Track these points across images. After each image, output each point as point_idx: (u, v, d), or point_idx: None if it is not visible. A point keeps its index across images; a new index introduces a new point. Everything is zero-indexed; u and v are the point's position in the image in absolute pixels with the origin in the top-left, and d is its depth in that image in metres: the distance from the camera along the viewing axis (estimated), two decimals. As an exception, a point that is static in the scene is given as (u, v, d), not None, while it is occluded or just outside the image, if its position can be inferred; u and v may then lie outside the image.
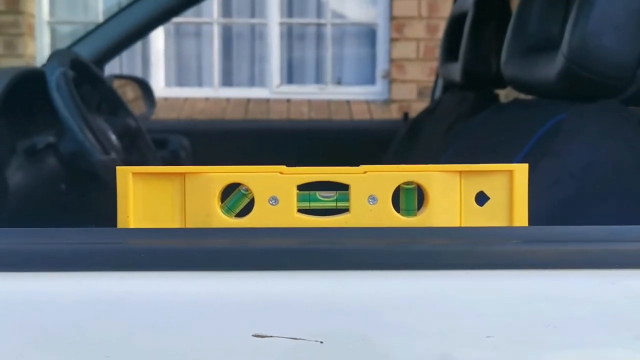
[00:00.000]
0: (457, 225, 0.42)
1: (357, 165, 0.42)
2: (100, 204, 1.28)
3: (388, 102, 3.45)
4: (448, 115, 1.44)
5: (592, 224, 0.44)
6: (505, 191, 0.42)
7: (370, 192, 0.41)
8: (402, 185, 0.42)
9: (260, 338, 0.36)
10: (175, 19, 3.38)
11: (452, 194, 0.42)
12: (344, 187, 0.42)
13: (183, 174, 0.42)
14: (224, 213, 0.42)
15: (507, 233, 0.41)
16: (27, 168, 1.17)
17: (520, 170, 0.43)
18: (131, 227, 0.41)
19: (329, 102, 3.48)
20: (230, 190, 0.43)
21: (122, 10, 1.64)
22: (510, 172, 0.42)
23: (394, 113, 3.34)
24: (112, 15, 1.66)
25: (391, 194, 0.41)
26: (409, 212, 0.42)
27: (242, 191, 0.42)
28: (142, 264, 0.38)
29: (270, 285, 0.38)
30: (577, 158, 0.62)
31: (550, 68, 0.77)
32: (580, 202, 0.60)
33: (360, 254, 0.39)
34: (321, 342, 0.36)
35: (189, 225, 0.42)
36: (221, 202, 0.42)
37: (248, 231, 0.40)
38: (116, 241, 0.39)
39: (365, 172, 0.42)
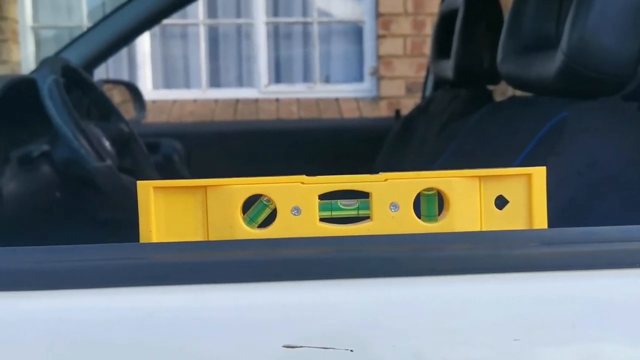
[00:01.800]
0: (478, 229, 0.43)
1: (352, 164, 0.43)
2: (96, 211, 1.27)
3: (377, 99, 3.45)
4: (441, 112, 1.45)
5: (603, 222, 0.45)
6: (524, 194, 0.43)
7: (391, 199, 0.42)
8: (422, 192, 0.43)
9: (290, 349, 0.36)
10: (161, 21, 3.36)
11: (472, 199, 0.43)
12: (364, 195, 0.43)
13: (204, 187, 0.42)
14: (246, 224, 0.42)
15: (528, 235, 0.42)
16: (22, 177, 1.16)
17: (539, 174, 0.43)
18: (154, 241, 0.41)
19: (317, 101, 3.48)
20: (252, 202, 0.43)
21: (109, 14, 1.63)
22: (529, 175, 0.43)
23: (383, 110, 3.34)
24: (99, 20, 1.65)
25: (412, 200, 0.42)
26: (430, 218, 0.43)
27: (264, 202, 0.42)
28: (168, 279, 0.37)
29: (299, 296, 0.38)
30: (583, 156, 0.63)
31: (549, 65, 0.78)
32: (589, 200, 0.60)
33: (386, 261, 0.39)
34: (351, 351, 0.36)
35: (212, 238, 0.42)
36: (243, 213, 0.43)
37: (273, 242, 0.40)
38: (140, 256, 0.39)
39: (386, 180, 0.42)
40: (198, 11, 3.58)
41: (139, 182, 0.42)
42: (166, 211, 0.42)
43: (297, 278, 0.38)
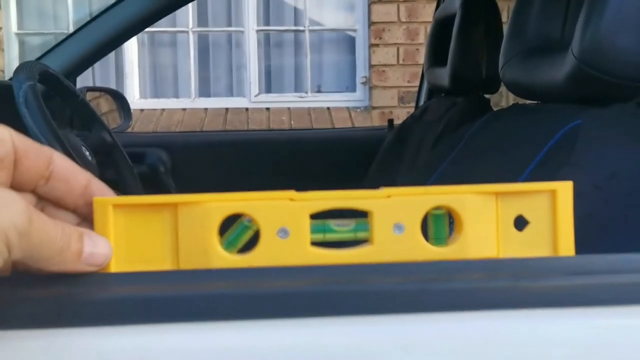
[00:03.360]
0: (495, 255, 0.36)
1: (345, 175, 0.36)
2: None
3: (369, 108, 3.41)
4: (437, 122, 1.40)
5: (628, 243, 0.39)
6: (548, 214, 0.37)
7: (395, 219, 0.35)
8: (430, 211, 0.36)
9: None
10: (149, 28, 3.31)
11: (488, 219, 0.36)
12: (361, 214, 0.36)
13: (174, 205, 0.35)
14: (224, 249, 0.35)
15: (556, 265, 0.36)
16: (-5, 189, 1.10)
17: (565, 190, 0.37)
18: (112, 271, 0.35)
19: (309, 110, 3.43)
20: (230, 222, 0.36)
21: (93, 19, 1.58)
22: (553, 191, 0.37)
23: (376, 120, 3.30)
24: (82, 25, 1.59)
25: (420, 221, 0.36)
26: (439, 241, 0.37)
27: (246, 223, 0.36)
28: (128, 317, 0.31)
29: (287, 336, 0.32)
30: (601, 168, 0.57)
31: (557, 70, 0.72)
32: (608, 216, 0.55)
33: (391, 295, 0.33)
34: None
35: (182, 266, 0.35)
36: (220, 236, 0.36)
37: (256, 271, 0.34)
38: (94, 289, 0.32)
39: (389, 197, 0.36)
40: (188, 19, 3.53)
41: (95, 200, 0.35)
42: (128, 234, 0.35)
43: (286, 315, 0.32)
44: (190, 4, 3.40)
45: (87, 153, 1.28)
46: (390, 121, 1.88)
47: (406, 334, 0.33)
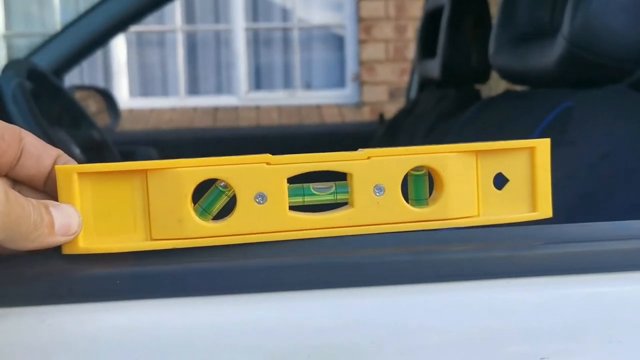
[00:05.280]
0: (475, 214, 0.36)
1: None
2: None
3: (359, 105, 3.40)
4: (428, 113, 1.40)
5: (622, 219, 0.39)
6: (527, 171, 0.37)
7: (375, 181, 0.35)
8: (410, 171, 0.36)
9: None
10: (137, 27, 3.29)
11: (468, 178, 0.36)
12: (340, 177, 0.36)
13: (144, 171, 0.33)
14: (199, 216, 0.34)
15: (550, 232, 0.36)
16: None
17: (542, 147, 0.37)
18: (80, 246, 0.33)
19: (299, 108, 3.42)
20: (205, 188, 0.34)
21: (80, 17, 1.57)
22: (532, 149, 0.37)
23: (366, 116, 3.29)
24: (69, 23, 1.58)
25: (400, 182, 0.35)
26: (420, 202, 0.36)
27: (220, 188, 0.34)
28: (100, 295, 0.30)
29: (271, 311, 0.31)
30: (594, 147, 0.57)
31: (548, 54, 0.72)
32: (602, 195, 0.54)
33: (381, 266, 0.32)
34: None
35: (155, 235, 0.33)
36: (194, 203, 0.34)
37: (232, 248, 0.33)
38: (53, 270, 0.31)
39: (368, 158, 0.35)
40: (175, 17, 3.51)
41: (57, 168, 0.33)
42: (95, 204, 0.33)
43: (266, 289, 0.31)
44: (177, 3, 3.39)
45: (77, 151, 1.27)
46: (382, 115, 1.88)
47: (394, 307, 0.33)
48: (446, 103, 1.34)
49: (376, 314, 0.32)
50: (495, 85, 1.67)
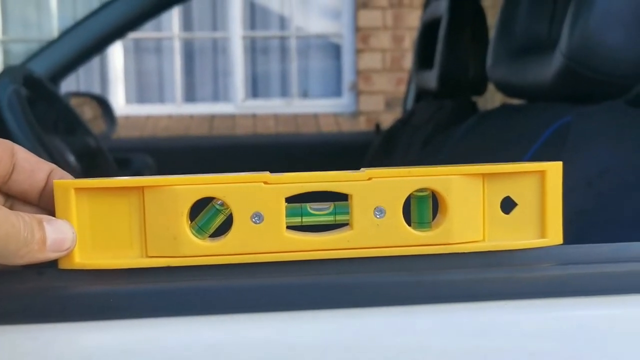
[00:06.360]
0: (481, 239, 0.35)
1: None
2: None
3: (356, 114, 3.40)
4: (425, 125, 1.40)
5: (621, 238, 0.38)
6: (536, 195, 0.35)
7: (376, 202, 0.34)
8: (413, 193, 0.35)
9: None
10: (134, 34, 3.29)
11: (474, 202, 0.35)
12: (341, 197, 0.35)
13: (141, 188, 0.33)
14: (195, 234, 0.33)
15: (558, 253, 0.35)
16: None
17: (554, 170, 0.36)
18: (76, 261, 0.33)
19: (295, 116, 3.42)
20: (201, 206, 0.34)
21: (77, 24, 1.56)
22: (542, 172, 0.36)
23: (362, 125, 3.30)
24: (66, 29, 1.58)
25: (402, 204, 0.34)
26: (422, 225, 0.35)
27: (217, 206, 0.34)
28: (94, 313, 0.30)
29: (266, 331, 0.31)
30: (593, 164, 0.57)
31: (546, 69, 0.72)
32: (600, 212, 0.54)
33: (379, 287, 0.32)
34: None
35: (151, 252, 0.33)
36: (191, 220, 0.34)
37: (226, 267, 0.32)
38: (57, 285, 0.31)
39: (369, 179, 0.34)
40: (173, 24, 3.51)
41: (55, 183, 0.33)
42: (92, 219, 0.33)
43: (261, 310, 0.31)
44: (175, 10, 3.39)
45: (72, 158, 1.26)
46: (378, 125, 1.88)
47: (396, 326, 0.32)
48: (443, 114, 1.34)
49: (374, 335, 0.32)
50: (491, 97, 1.67)
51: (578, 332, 0.33)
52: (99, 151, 1.38)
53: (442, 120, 1.31)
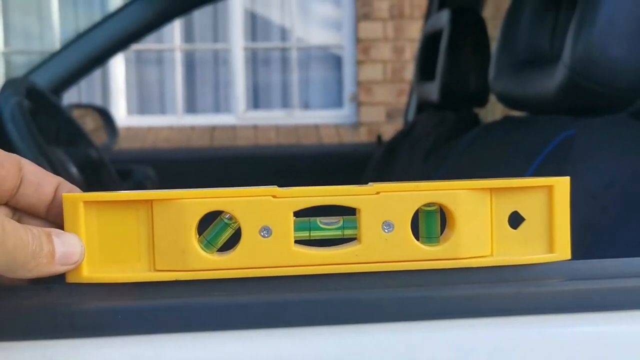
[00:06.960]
0: (489, 254, 0.35)
1: None
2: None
3: (357, 125, 3.41)
4: (426, 137, 1.40)
5: (626, 252, 0.38)
6: (544, 210, 0.36)
7: (384, 217, 0.34)
8: (421, 208, 0.35)
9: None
10: (136, 46, 3.30)
11: (482, 216, 0.35)
12: (349, 211, 0.35)
13: (149, 202, 0.33)
14: (203, 248, 0.33)
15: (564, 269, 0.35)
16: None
17: (561, 185, 0.36)
18: (84, 275, 0.33)
19: (296, 127, 3.43)
20: (210, 220, 0.34)
21: (79, 36, 1.57)
22: (550, 187, 0.36)
23: (363, 136, 3.30)
24: (69, 42, 1.58)
25: (410, 218, 0.34)
26: (430, 240, 0.35)
27: (226, 220, 0.34)
28: (103, 329, 0.30)
29: (274, 347, 0.31)
30: (597, 177, 0.57)
31: (549, 81, 0.72)
32: (605, 225, 0.54)
33: (387, 302, 0.32)
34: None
35: (159, 266, 0.33)
36: (199, 234, 0.34)
37: (235, 282, 0.32)
38: (64, 301, 0.31)
39: (378, 193, 0.34)
40: (174, 36, 3.53)
41: (64, 196, 0.33)
42: (100, 232, 0.33)
43: (269, 325, 0.31)
44: (176, 22, 3.41)
45: (74, 170, 1.26)
46: (379, 137, 1.88)
47: (404, 342, 0.32)
48: (444, 126, 1.34)
49: (382, 351, 0.31)
50: (492, 109, 1.68)
51: (587, 347, 0.33)
52: (101, 162, 1.38)
53: (444, 132, 1.31)
